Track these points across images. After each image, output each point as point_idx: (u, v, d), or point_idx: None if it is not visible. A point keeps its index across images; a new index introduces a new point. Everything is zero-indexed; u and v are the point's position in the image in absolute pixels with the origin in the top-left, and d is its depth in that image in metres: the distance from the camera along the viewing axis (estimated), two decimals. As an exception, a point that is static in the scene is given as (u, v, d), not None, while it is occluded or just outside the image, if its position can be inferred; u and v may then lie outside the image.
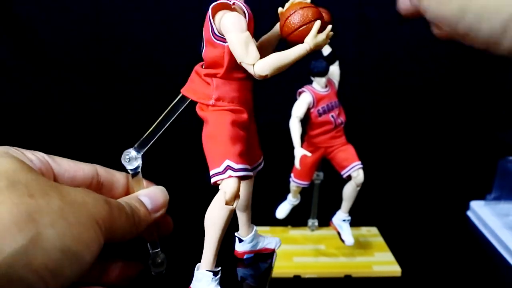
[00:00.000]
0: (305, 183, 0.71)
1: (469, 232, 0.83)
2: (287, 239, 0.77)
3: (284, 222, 0.78)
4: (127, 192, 0.40)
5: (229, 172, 0.35)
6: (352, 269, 0.70)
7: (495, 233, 0.78)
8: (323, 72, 0.64)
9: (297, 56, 0.35)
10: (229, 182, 0.35)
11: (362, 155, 0.66)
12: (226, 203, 0.35)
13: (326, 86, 0.65)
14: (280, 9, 0.36)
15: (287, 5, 0.36)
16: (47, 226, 0.28)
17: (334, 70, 0.67)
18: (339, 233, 0.69)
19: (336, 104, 0.66)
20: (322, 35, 0.35)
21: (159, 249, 0.41)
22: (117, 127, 1.04)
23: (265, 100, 1.04)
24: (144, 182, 0.39)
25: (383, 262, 0.71)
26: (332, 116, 0.65)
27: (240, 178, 0.36)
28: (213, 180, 0.36)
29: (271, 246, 0.47)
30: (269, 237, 0.47)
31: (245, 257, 0.46)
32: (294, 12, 0.35)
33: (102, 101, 1.09)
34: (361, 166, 0.65)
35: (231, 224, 0.41)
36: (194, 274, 0.37)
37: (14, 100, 1.08)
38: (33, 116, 1.09)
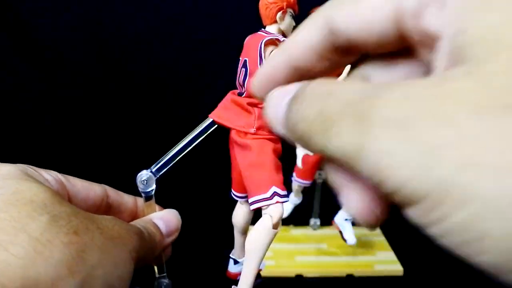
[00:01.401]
0: (307, 182, 0.71)
1: (471, 231, 0.83)
2: (289, 238, 0.77)
3: (286, 221, 0.78)
4: (135, 215, 0.38)
5: (276, 198, 0.37)
6: (354, 268, 0.70)
7: (497, 232, 0.78)
8: (326, 71, 0.64)
9: None
10: (277, 207, 0.38)
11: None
12: (273, 227, 0.37)
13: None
14: None
15: None
16: (95, 267, 0.26)
17: (336, 69, 0.67)
18: (341, 232, 0.69)
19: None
20: None
21: (165, 273, 0.40)
22: (120, 136, 1.04)
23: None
24: (157, 207, 0.38)
25: (385, 262, 0.71)
26: (334, 115, 0.65)
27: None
28: (257, 205, 0.38)
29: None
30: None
31: (238, 278, 0.44)
32: None
33: (104, 106, 1.09)
34: (363, 165, 0.65)
35: (226, 244, 0.44)
36: None
37: (15, 104, 1.08)
38: (35, 119, 1.09)
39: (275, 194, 0.38)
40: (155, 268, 0.40)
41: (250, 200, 0.39)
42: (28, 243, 0.24)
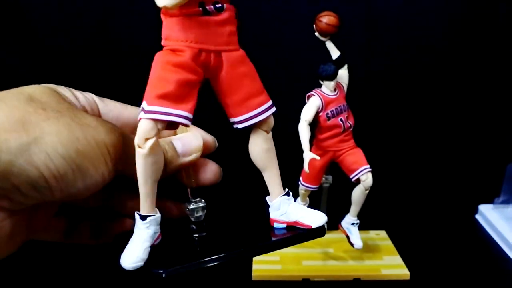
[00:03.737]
0: (313, 186, 0.71)
1: (478, 236, 0.83)
2: (296, 243, 0.78)
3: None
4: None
5: (140, 114, 0.33)
6: (360, 273, 0.70)
7: (503, 236, 0.78)
8: (332, 76, 0.64)
9: None
10: (139, 123, 0.33)
11: (371, 158, 0.67)
12: (137, 146, 0.33)
13: (335, 90, 0.65)
14: None
15: None
16: (52, 134, 0.31)
17: (343, 73, 0.67)
18: (348, 237, 0.69)
19: (345, 107, 0.66)
20: None
21: (198, 198, 0.41)
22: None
23: (274, 104, 1.05)
24: (193, 128, 0.40)
25: (392, 266, 0.71)
26: (341, 119, 0.65)
27: (157, 121, 0.33)
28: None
29: (305, 221, 0.39)
30: (311, 211, 0.40)
31: (274, 225, 0.40)
32: None
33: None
34: (369, 169, 0.65)
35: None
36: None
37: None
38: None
39: (142, 109, 0.33)
40: (189, 190, 0.41)
41: None
42: (0, 106, 0.31)
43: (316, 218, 0.39)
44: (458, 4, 1.03)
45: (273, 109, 0.38)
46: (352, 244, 0.68)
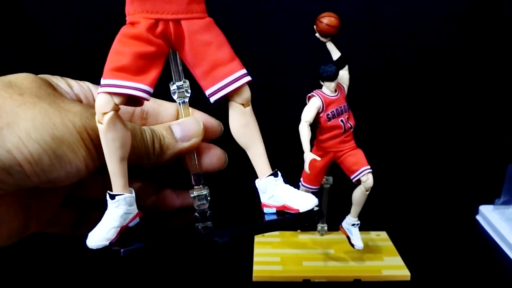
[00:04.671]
0: (314, 187, 0.71)
1: (478, 237, 0.83)
2: (296, 244, 0.78)
3: (293, 227, 0.79)
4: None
5: (98, 89, 0.33)
6: (361, 273, 0.70)
7: (504, 237, 0.78)
8: (333, 77, 0.64)
9: None
10: (96, 98, 0.33)
11: (371, 159, 0.67)
12: (98, 121, 0.33)
13: (335, 91, 0.65)
14: None
15: None
16: (26, 119, 0.31)
17: (344, 74, 0.67)
18: (348, 238, 0.69)
19: (346, 108, 0.66)
20: None
21: (201, 185, 0.40)
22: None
23: (275, 105, 1.05)
24: (196, 112, 0.40)
25: (393, 267, 0.71)
26: (342, 120, 0.65)
27: (112, 94, 0.32)
28: None
29: (293, 204, 0.36)
30: (301, 193, 0.37)
31: (264, 210, 0.37)
32: None
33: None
34: (370, 170, 0.65)
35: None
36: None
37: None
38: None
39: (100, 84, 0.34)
40: (192, 177, 0.40)
41: None
42: None
43: (305, 201, 0.35)
44: (459, 3, 1.03)
45: (247, 79, 0.35)
46: (352, 245, 0.68)
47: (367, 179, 0.65)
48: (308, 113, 0.64)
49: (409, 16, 1.03)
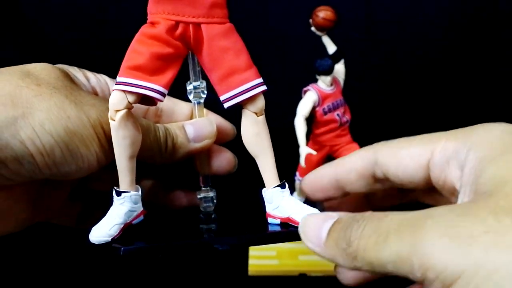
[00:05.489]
0: (310, 181, 0.71)
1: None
2: (293, 238, 0.78)
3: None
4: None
5: (113, 86, 0.33)
6: (357, 268, 0.70)
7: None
8: (329, 71, 0.64)
9: None
10: (111, 95, 0.33)
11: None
12: (110, 118, 0.33)
13: (331, 85, 0.65)
14: None
15: None
16: (41, 110, 0.31)
17: (340, 68, 0.67)
18: (344, 232, 0.69)
19: (342, 102, 0.66)
20: None
21: (208, 186, 0.41)
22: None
23: (270, 99, 1.05)
24: (210, 114, 0.41)
25: (389, 261, 0.71)
26: (338, 114, 0.65)
27: (126, 92, 0.32)
28: None
29: (297, 218, 0.36)
30: (305, 207, 0.38)
31: (268, 220, 0.38)
32: None
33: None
34: (366, 164, 0.65)
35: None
36: None
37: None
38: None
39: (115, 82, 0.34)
40: (201, 178, 0.41)
41: None
42: None
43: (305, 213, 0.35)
44: (457, -1, 1.03)
45: (262, 88, 0.36)
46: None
47: (363, 173, 0.65)
48: (304, 107, 0.64)
49: (408, 9, 1.03)
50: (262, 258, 0.71)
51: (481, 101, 1.10)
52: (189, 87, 0.39)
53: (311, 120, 0.66)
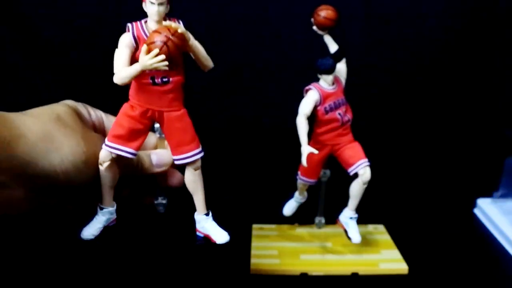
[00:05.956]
0: (312, 180, 0.71)
1: (476, 230, 0.83)
2: (294, 237, 0.78)
3: (291, 220, 0.78)
4: (156, 149, 0.55)
5: (103, 146, 0.48)
6: (359, 267, 0.70)
7: (502, 230, 0.78)
8: (330, 70, 0.64)
9: (129, 74, 0.45)
10: (101, 150, 0.47)
11: (369, 152, 0.66)
12: (99, 164, 0.48)
13: (333, 84, 0.65)
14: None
15: None
16: (67, 146, 0.45)
17: (341, 67, 0.67)
18: (346, 231, 0.69)
19: (343, 101, 0.66)
20: (147, 58, 0.43)
21: (163, 196, 0.57)
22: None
23: (272, 98, 1.05)
24: (166, 143, 0.52)
25: (390, 260, 0.71)
26: (339, 113, 0.65)
27: (111, 152, 0.47)
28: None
29: (213, 237, 0.52)
30: (219, 230, 0.52)
31: (197, 233, 0.54)
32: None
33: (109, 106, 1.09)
34: (368, 163, 0.65)
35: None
36: None
37: (20, 101, 1.09)
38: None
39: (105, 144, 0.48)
40: (158, 190, 0.57)
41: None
42: (36, 122, 0.45)
43: (221, 237, 0.51)
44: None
45: (200, 155, 0.50)
46: (350, 238, 0.68)
47: (365, 172, 0.65)
48: (305, 106, 0.64)
49: (408, 9, 1.03)
50: (264, 257, 0.71)
51: (481, 100, 1.10)
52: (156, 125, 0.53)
53: (312, 119, 0.66)
